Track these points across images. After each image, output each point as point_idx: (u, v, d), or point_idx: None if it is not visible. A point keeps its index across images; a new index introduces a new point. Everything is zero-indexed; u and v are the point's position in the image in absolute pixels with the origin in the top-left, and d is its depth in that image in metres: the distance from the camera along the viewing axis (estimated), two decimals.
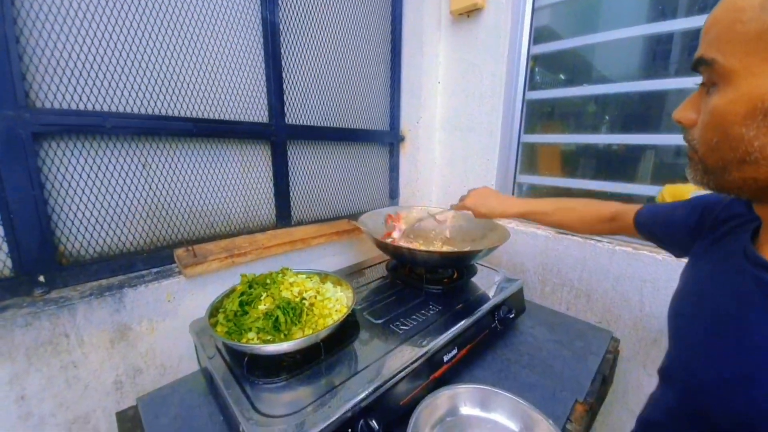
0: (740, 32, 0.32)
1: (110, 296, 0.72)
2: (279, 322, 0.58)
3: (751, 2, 0.31)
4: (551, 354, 0.87)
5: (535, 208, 0.84)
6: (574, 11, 1.18)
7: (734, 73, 0.33)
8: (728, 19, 0.33)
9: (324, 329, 0.60)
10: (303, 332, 0.60)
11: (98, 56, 0.74)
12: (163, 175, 0.86)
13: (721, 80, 0.34)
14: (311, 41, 1.08)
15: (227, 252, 0.87)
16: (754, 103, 0.31)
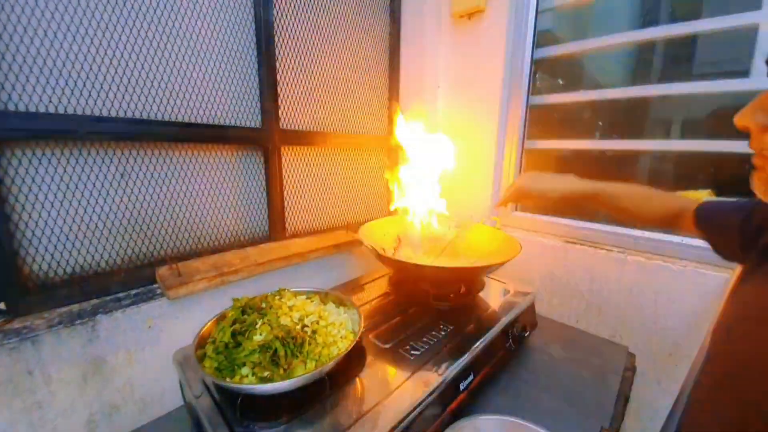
0: None
1: (82, 325, 0.64)
2: (278, 356, 0.51)
3: None
4: (569, 374, 0.82)
5: (602, 189, 0.72)
6: (576, 15, 1.16)
7: None
8: None
9: (329, 361, 0.52)
10: (305, 366, 0.52)
11: (72, 53, 0.66)
12: (144, 186, 0.78)
13: None
14: (308, 42, 1.02)
15: (216, 270, 0.79)
16: None
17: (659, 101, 1.02)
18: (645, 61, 1.07)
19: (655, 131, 1.06)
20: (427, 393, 0.57)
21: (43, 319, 0.64)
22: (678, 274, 0.92)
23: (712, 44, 0.96)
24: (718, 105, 0.95)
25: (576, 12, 1.16)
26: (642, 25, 1.02)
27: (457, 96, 1.33)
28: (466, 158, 1.34)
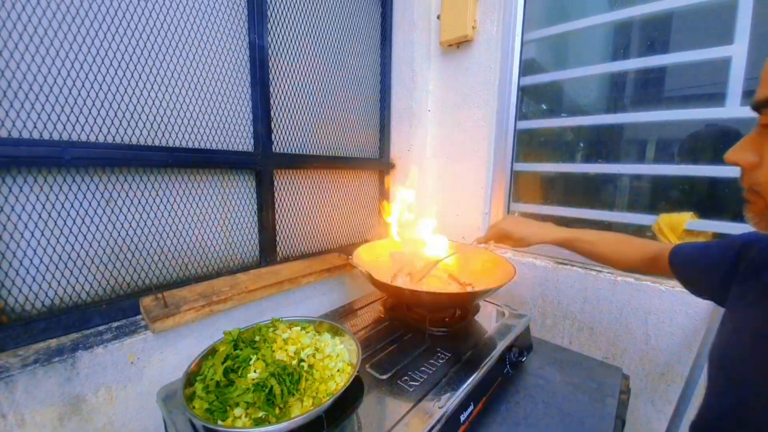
0: None
1: (60, 362, 0.60)
2: (273, 394, 0.48)
3: None
4: (566, 399, 0.81)
5: (579, 236, 0.79)
6: (558, 45, 1.21)
7: None
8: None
9: (327, 398, 0.50)
10: (302, 404, 0.50)
11: (54, 76, 0.64)
12: (130, 212, 0.75)
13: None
14: (302, 67, 1.03)
15: (205, 299, 0.76)
16: None
17: (635, 125, 1.07)
18: (620, 86, 1.12)
19: (630, 152, 1.10)
20: (429, 426, 0.55)
21: (18, 357, 0.59)
22: (666, 295, 0.94)
23: (686, 72, 1.02)
24: (693, 129, 1.00)
25: (558, 43, 1.22)
26: (618, 56, 1.08)
27: (447, 119, 1.36)
28: (458, 180, 1.36)
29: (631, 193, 1.11)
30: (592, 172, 1.14)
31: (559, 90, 1.23)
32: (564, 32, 1.14)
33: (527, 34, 1.20)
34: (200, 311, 0.73)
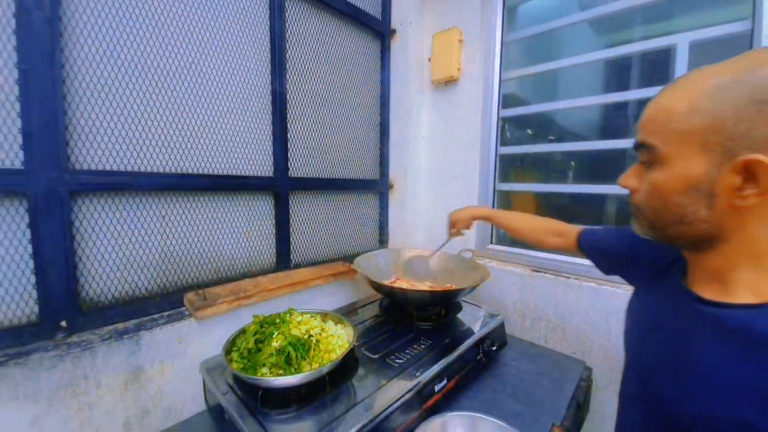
0: (674, 129, 0.43)
1: (128, 339, 0.79)
2: (290, 357, 0.66)
3: (680, 107, 0.42)
4: (532, 383, 0.96)
5: (495, 214, 1.06)
6: (534, 82, 1.41)
7: (670, 157, 0.44)
8: (663, 118, 0.44)
9: (329, 363, 0.68)
10: (311, 366, 0.68)
11: (130, 124, 0.86)
12: (178, 226, 0.95)
13: (658, 161, 0.45)
14: (313, 105, 1.25)
15: (234, 295, 0.95)
16: (689, 182, 0.43)
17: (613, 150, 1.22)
18: (597, 113, 1.29)
19: (610, 174, 1.25)
20: (406, 390, 0.72)
21: (96, 335, 0.78)
22: (623, 296, 1.09)
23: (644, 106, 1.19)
24: None
25: (534, 80, 1.41)
26: (586, 93, 1.26)
27: (438, 145, 1.56)
28: (448, 197, 1.54)
29: (618, 213, 1.25)
30: (579, 192, 1.29)
31: (542, 117, 1.40)
32: (537, 72, 1.34)
33: (505, 74, 1.40)
34: (231, 304, 0.92)
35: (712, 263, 0.46)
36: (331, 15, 1.30)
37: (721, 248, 0.44)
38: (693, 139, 0.41)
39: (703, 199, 0.42)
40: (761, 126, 0.37)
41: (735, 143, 0.38)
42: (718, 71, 0.41)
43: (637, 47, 1.13)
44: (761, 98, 0.37)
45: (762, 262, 0.41)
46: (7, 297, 0.73)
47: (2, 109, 0.70)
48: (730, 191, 0.40)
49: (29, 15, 0.71)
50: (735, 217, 0.41)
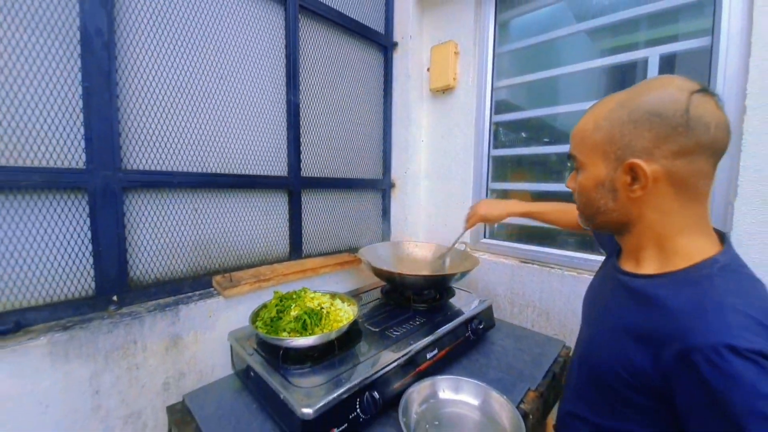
0: (586, 143, 0.58)
1: (169, 311, 0.94)
2: (306, 324, 0.80)
3: (588, 126, 0.58)
4: (514, 358, 1.09)
5: (534, 209, 1.06)
6: (525, 89, 1.54)
7: (585, 164, 0.59)
8: (579, 135, 0.60)
9: (337, 329, 0.82)
10: (323, 331, 0.82)
11: (170, 131, 1.01)
12: (207, 218, 1.10)
13: (580, 167, 0.61)
14: (323, 113, 1.40)
15: (255, 278, 1.09)
16: (597, 181, 0.57)
17: None
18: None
19: None
20: (402, 353, 0.86)
21: (142, 307, 0.94)
22: None
23: None
24: None
25: (524, 87, 1.54)
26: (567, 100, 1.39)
27: (436, 148, 1.70)
28: (445, 196, 1.68)
29: None
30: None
31: (536, 121, 1.51)
32: (526, 81, 1.47)
33: (497, 82, 1.54)
34: (252, 286, 1.07)
35: (629, 244, 0.60)
36: (339, 31, 1.45)
37: (633, 232, 0.58)
38: (597, 149, 0.56)
39: (609, 193, 0.56)
40: (637, 138, 0.51)
41: (623, 151, 0.52)
42: (614, 98, 0.56)
43: (615, 59, 1.26)
44: (635, 118, 0.51)
45: (660, 242, 0.55)
46: (71, 275, 0.88)
47: (70, 120, 0.86)
48: (625, 186, 0.54)
49: (91, 42, 0.86)
50: (634, 207, 0.55)
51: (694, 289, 0.48)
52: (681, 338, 0.45)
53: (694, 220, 0.53)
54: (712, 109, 0.48)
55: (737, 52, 1.01)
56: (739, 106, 0.99)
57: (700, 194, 0.52)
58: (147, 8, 0.96)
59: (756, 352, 0.40)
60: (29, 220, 0.82)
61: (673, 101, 0.49)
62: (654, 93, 0.51)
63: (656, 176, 0.51)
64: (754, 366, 0.39)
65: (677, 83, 0.51)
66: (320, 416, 0.68)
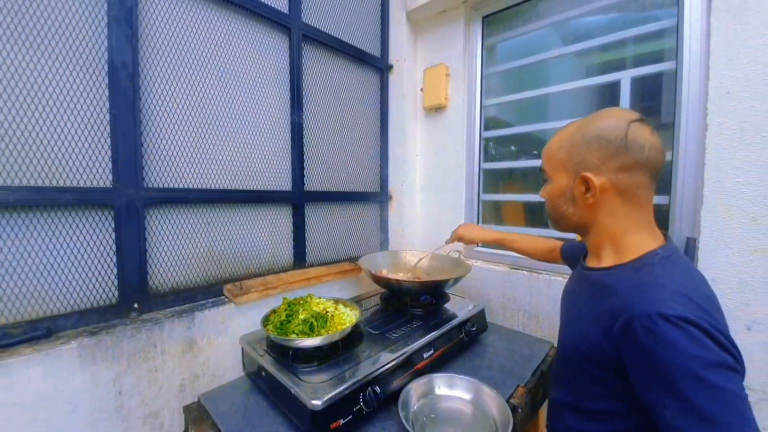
0: (552, 159, 0.70)
1: (186, 317, 1.01)
2: (313, 326, 0.89)
3: (554, 146, 0.70)
4: (505, 358, 1.17)
5: (506, 237, 1.21)
6: (512, 107, 1.65)
7: (552, 176, 0.71)
8: (548, 153, 0.72)
9: (341, 331, 0.90)
10: (328, 332, 0.90)
11: (186, 152, 1.11)
12: (218, 230, 1.19)
13: (549, 179, 0.73)
14: (324, 131, 1.50)
15: (263, 286, 1.18)
16: (561, 191, 0.69)
17: None
18: None
19: None
20: (401, 353, 0.94)
21: (161, 313, 1.01)
22: None
23: None
24: None
25: (511, 105, 1.65)
26: (551, 118, 1.51)
27: (430, 162, 1.80)
28: (439, 206, 1.78)
29: None
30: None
31: (524, 135, 1.61)
32: (512, 100, 1.59)
33: (486, 101, 1.65)
34: (261, 293, 1.15)
35: (591, 244, 0.71)
36: (339, 56, 1.56)
37: (592, 233, 0.68)
38: (560, 165, 0.68)
39: (570, 201, 0.67)
40: (589, 156, 0.62)
41: (579, 166, 0.64)
42: (575, 124, 0.69)
43: (593, 81, 1.38)
44: (587, 140, 0.62)
45: (614, 240, 0.65)
46: (97, 284, 0.96)
47: (98, 143, 0.95)
48: (581, 195, 0.65)
49: (118, 73, 0.96)
50: (589, 211, 0.66)
51: (637, 274, 0.59)
52: (625, 311, 0.55)
53: (639, 221, 0.64)
54: (646, 135, 0.60)
55: (698, 75, 1.12)
56: (701, 123, 1.10)
57: (642, 201, 0.64)
58: (167, 42, 1.07)
59: (681, 318, 0.49)
60: (60, 234, 0.91)
61: (615, 128, 0.61)
62: (602, 121, 0.64)
63: (604, 186, 0.62)
64: (679, 330, 0.48)
65: (620, 114, 0.63)
66: (328, 407, 0.76)
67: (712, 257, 1.07)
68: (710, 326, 0.49)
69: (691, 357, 0.47)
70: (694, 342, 0.48)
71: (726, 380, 0.46)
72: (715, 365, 0.47)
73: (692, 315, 0.49)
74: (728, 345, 0.49)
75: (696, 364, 0.47)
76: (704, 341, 0.48)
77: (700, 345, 0.47)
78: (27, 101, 0.85)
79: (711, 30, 1.08)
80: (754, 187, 1.00)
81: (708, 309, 0.52)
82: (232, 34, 1.21)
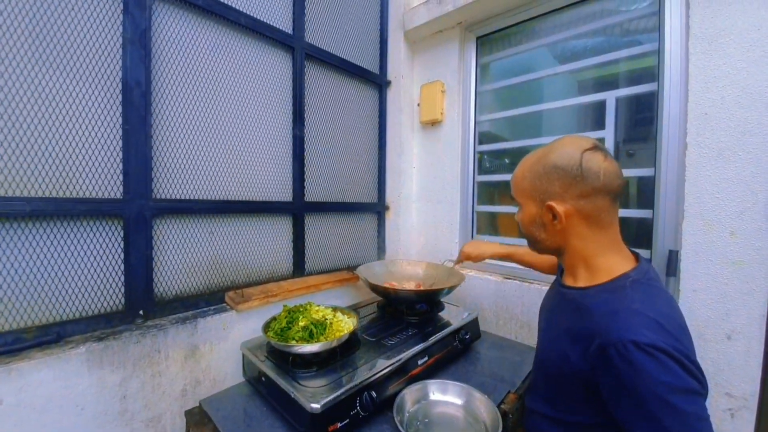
0: (519, 188, 0.75)
1: (189, 323, 1.05)
2: (312, 333, 0.93)
3: (519, 176, 0.75)
4: (497, 365, 1.21)
5: (515, 251, 1.21)
6: (505, 122, 1.72)
7: (521, 204, 0.76)
8: (515, 182, 0.77)
9: (339, 337, 0.94)
10: (327, 339, 0.94)
11: (192, 165, 1.16)
12: (221, 240, 1.24)
13: (519, 206, 0.78)
14: (325, 144, 1.56)
15: (264, 293, 1.22)
16: (531, 218, 0.74)
17: None
18: None
19: None
20: (396, 360, 0.98)
21: (166, 319, 1.05)
22: None
23: None
24: None
25: (504, 120, 1.72)
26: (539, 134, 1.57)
27: (426, 174, 1.87)
28: (435, 217, 1.83)
29: None
30: None
31: (518, 149, 1.68)
32: (505, 116, 1.66)
33: (480, 116, 1.72)
34: (261, 301, 1.19)
35: (566, 264, 0.76)
36: (340, 73, 1.63)
37: (566, 254, 0.73)
38: (526, 193, 0.73)
39: (540, 227, 0.73)
40: (550, 185, 0.68)
41: (543, 195, 0.69)
42: (536, 154, 0.73)
43: (580, 100, 1.45)
44: (547, 171, 0.68)
45: (586, 261, 0.70)
46: (105, 291, 1.00)
47: (111, 157, 1.00)
48: (549, 221, 0.70)
49: (131, 91, 1.02)
50: (559, 236, 0.71)
51: (611, 297, 0.63)
52: (600, 335, 0.59)
53: (608, 242, 0.69)
54: (599, 162, 0.65)
55: (678, 96, 1.19)
56: (681, 142, 1.16)
57: (606, 223, 0.68)
58: (177, 62, 1.13)
59: (652, 345, 0.53)
60: (72, 243, 0.95)
61: (570, 158, 0.66)
62: (558, 152, 0.68)
63: (568, 213, 0.67)
64: (650, 357, 0.53)
65: (576, 143, 0.68)
66: (326, 411, 0.79)
67: (693, 269, 1.12)
68: (678, 352, 0.53)
69: (659, 383, 0.52)
70: (663, 369, 0.52)
71: (690, 403, 0.52)
72: (681, 390, 0.52)
73: (662, 342, 0.53)
74: (693, 369, 0.54)
75: (664, 390, 0.52)
76: (672, 367, 0.52)
77: (668, 371, 0.52)
78: (45, 117, 0.90)
79: (689, 55, 1.15)
80: (731, 202, 1.06)
81: (676, 334, 0.56)
82: (239, 54, 1.28)
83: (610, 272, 0.67)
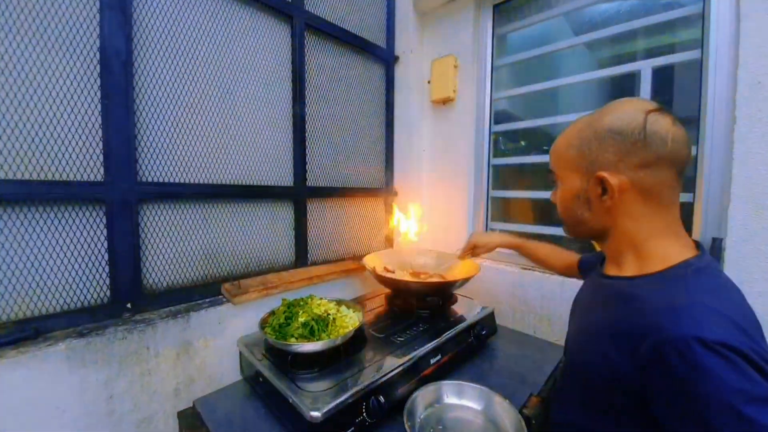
0: (561, 159, 0.64)
1: (181, 318, 0.97)
2: (313, 330, 0.83)
3: (562, 145, 0.63)
4: (516, 363, 1.11)
5: (526, 244, 1.12)
6: (523, 100, 1.58)
7: (562, 178, 0.64)
8: (555, 153, 0.66)
9: (343, 335, 0.85)
10: (329, 337, 0.84)
11: (182, 145, 1.06)
12: (216, 227, 1.14)
13: (558, 181, 0.66)
14: (328, 124, 1.45)
15: (263, 285, 1.12)
16: (573, 193, 0.62)
17: None
18: None
19: None
20: (407, 359, 0.88)
21: (156, 314, 0.97)
22: None
23: None
24: None
25: (522, 98, 1.58)
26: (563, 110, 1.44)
27: (437, 157, 1.74)
28: (446, 203, 1.71)
29: None
30: None
31: (536, 130, 1.54)
32: (524, 93, 1.52)
33: (496, 94, 1.58)
34: (260, 293, 1.10)
35: (610, 250, 0.64)
36: (343, 46, 1.50)
37: (612, 239, 0.62)
38: (570, 164, 0.61)
39: (585, 204, 0.61)
40: (603, 153, 0.56)
41: (592, 165, 0.57)
42: (584, 119, 0.61)
43: (609, 72, 1.30)
44: (600, 136, 0.56)
45: (635, 246, 0.59)
46: (88, 283, 0.92)
47: (89, 135, 0.91)
48: (597, 197, 0.58)
49: (110, 61, 0.91)
50: (608, 215, 0.59)
51: (669, 289, 0.51)
52: (654, 332, 0.47)
53: (664, 225, 0.57)
54: (667, 126, 0.53)
55: (726, 63, 1.04)
56: (728, 116, 1.02)
57: (667, 202, 0.56)
58: (162, 29, 1.01)
59: (723, 344, 0.42)
60: (49, 230, 0.86)
61: (631, 119, 0.54)
62: (615, 114, 0.57)
63: (623, 187, 0.55)
64: (720, 358, 0.41)
65: (635, 104, 0.56)
66: (328, 419, 0.70)
67: (739, 259, 1.00)
68: (754, 353, 0.42)
69: (734, 391, 0.40)
70: (738, 372, 0.41)
71: (764, 415, 0.40)
72: (758, 399, 0.40)
73: (734, 341, 0.42)
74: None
75: (739, 399, 0.40)
76: (748, 371, 0.41)
77: (744, 376, 0.41)
78: (13, 90, 0.80)
79: (741, 14, 1.00)
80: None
81: (751, 332, 0.45)
82: (232, 22, 1.16)
83: (665, 260, 0.55)
